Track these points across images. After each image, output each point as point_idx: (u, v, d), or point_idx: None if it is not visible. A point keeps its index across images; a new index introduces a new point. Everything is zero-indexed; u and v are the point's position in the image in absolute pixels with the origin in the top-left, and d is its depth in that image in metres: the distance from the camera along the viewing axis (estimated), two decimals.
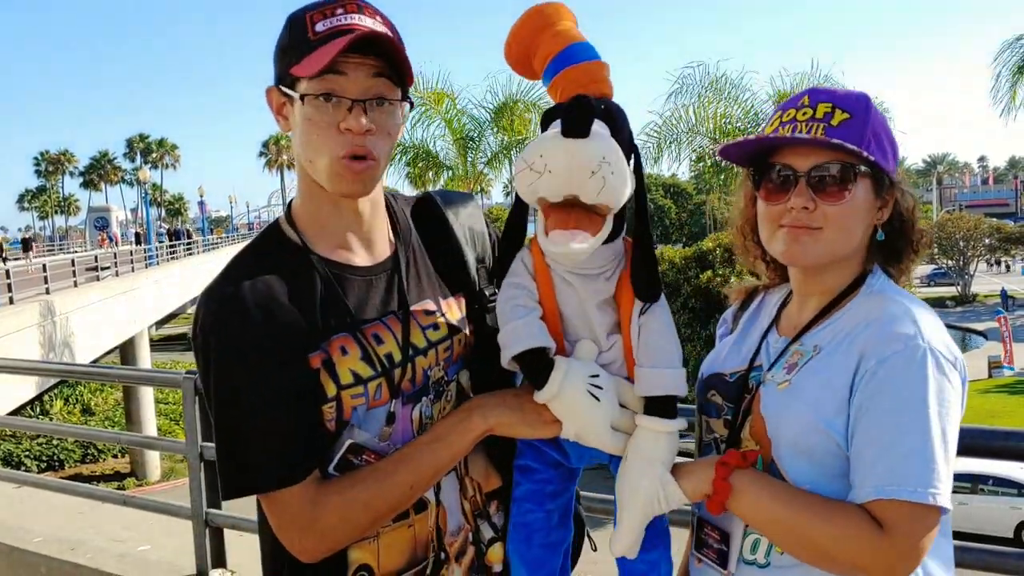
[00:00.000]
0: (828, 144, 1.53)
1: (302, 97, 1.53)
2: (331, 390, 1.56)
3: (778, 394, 1.56)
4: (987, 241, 56.79)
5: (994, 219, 63.50)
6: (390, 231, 1.75)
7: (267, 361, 1.50)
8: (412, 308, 1.68)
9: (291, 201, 1.71)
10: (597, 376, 1.55)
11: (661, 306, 1.59)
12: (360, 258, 1.67)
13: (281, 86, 1.58)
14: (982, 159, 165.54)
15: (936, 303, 50.61)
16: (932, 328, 1.48)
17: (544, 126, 1.56)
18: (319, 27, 1.53)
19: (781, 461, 1.53)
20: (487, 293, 1.78)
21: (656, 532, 1.63)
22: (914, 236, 1.66)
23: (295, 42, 1.55)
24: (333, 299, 1.59)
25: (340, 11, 1.54)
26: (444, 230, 1.81)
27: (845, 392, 1.47)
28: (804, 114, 1.56)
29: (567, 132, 1.44)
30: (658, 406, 1.56)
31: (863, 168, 1.55)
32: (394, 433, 1.62)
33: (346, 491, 1.54)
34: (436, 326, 1.70)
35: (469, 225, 1.85)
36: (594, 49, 1.58)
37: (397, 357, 1.62)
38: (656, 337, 1.58)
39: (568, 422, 1.55)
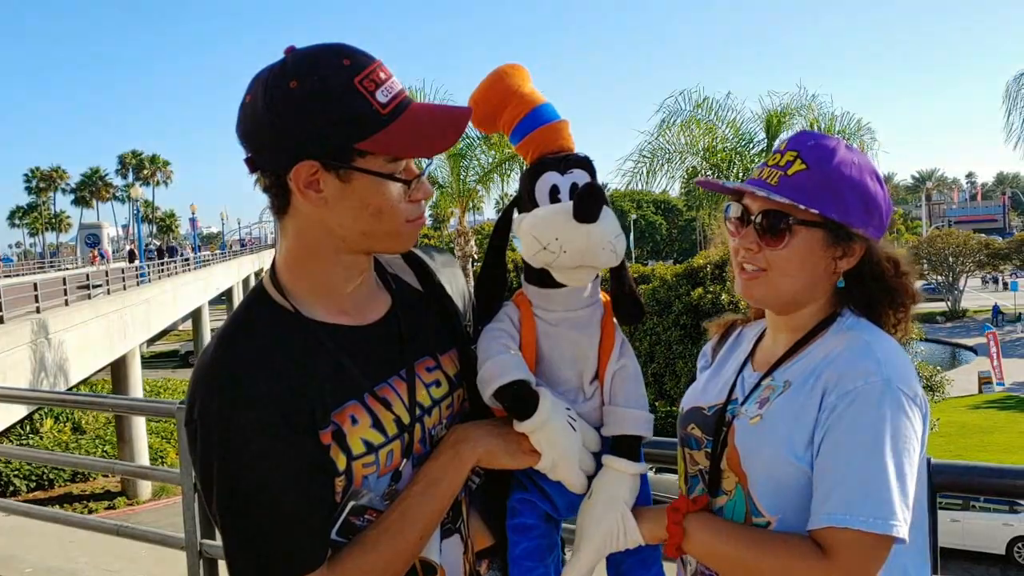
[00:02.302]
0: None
1: (387, 175, 1.47)
2: (342, 463, 1.49)
3: (750, 428, 1.64)
4: (976, 257, 57.05)
5: (983, 235, 63.84)
6: (383, 286, 1.71)
7: (275, 447, 1.43)
8: (415, 366, 1.64)
9: (273, 262, 1.63)
10: (570, 409, 1.65)
11: (632, 356, 1.73)
12: (358, 317, 1.61)
13: (336, 160, 1.45)
14: (970, 175, 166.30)
15: (926, 318, 50.82)
16: (894, 365, 1.54)
17: (531, 182, 1.65)
18: (380, 97, 1.45)
19: (756, 493, 1.60)
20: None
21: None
22: (893, 288, 1.70)
23: (359, 115, 1.43)
24: (337, 367, 1.52)
25: (382, 75, 1.47)
26: (432, 284, 1.79)
27: (811, 426, 1.54)
28: (774, 159, 1.68)
29: (583, 219, 1.55)
30: (625, 447, 1.66)
31: (800, 219, 1.62)
32: (399, 491, 1.57)
33: (362, 562, 1.49)
34: (438, 383, 1.67)
35: (453, 283, 1.85)
36: (554, 109, 1.71)
37: (406, 419, 1.58)
38: (633, 382, 1.72)
39: (548, 451, 1.60)
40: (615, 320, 1.72)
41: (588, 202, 1.55)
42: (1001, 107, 16.16)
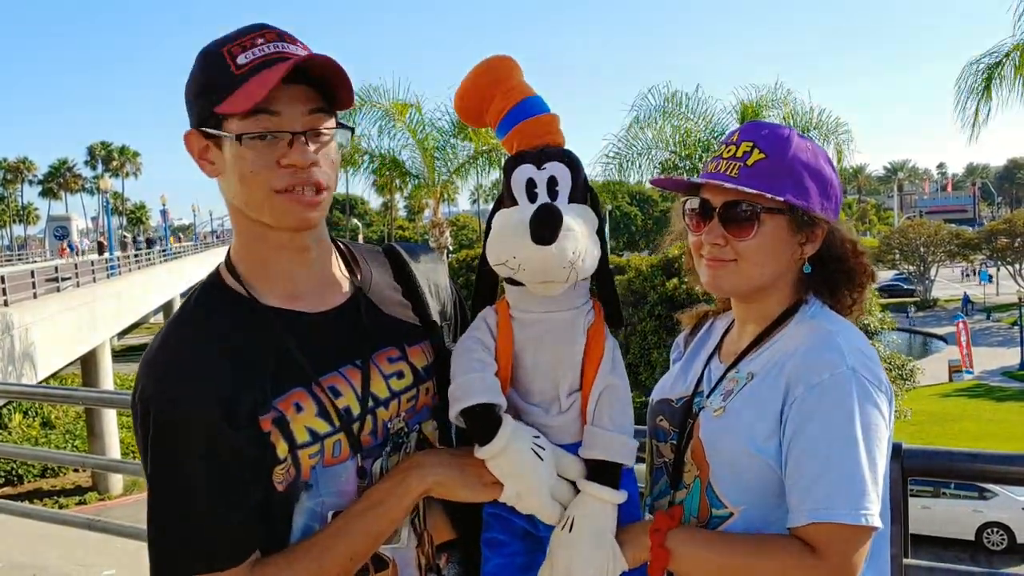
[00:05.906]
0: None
1: (238, 137, 1.43)
2: (282, 451, 1.46)
3: (714, 420, 1.65)
4: (947, 247, 57.69)
5: (953, 225, 64.59)
6: (347, 275, 1.67)
7: (209, 438, 1.41)
8: (374, 356, 1.59)
9: (228, 249, 1.61)
10: (539, 437, 1.56)
11: (624, 376, 1.62)
12: (312, 304, 1.58)
13: (204, 128, 1.47)
14: (941, 166, 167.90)
15: (898, 308, 51.38)
16: (857, 354, 1.56)
17: (508, 173, 1.57)
18: (240, 60, 1.43)
19: (718, 483, 1.61)
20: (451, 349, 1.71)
21: None
22: (852, 269, 1.72)
23: (216, 79, 1.44)
24: (285, 353, 1.50)
25: (260, 41, 1.45)
26: (408, 279, 1.74)
27: (775, 418, 1.56)
28: (729, 151, 1.67)
29: (539, 242, 1.45)
30: (604, 474, 1.55)
31: (766, 207, 1.62)
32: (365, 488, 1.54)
33: (283, 572, 1.47)
34: (401, 374, 1.62)
35: (434, 280, 1.80)
36: (544, 102, 1.61)
37: (356, 410, 1.54)
38: (621, 405, 1.60)
39: (510, 482, 1.52)
40: (607, 330, 1.61)
41: (542, 226, 1.45)
42: (957, 93, 15.66)
